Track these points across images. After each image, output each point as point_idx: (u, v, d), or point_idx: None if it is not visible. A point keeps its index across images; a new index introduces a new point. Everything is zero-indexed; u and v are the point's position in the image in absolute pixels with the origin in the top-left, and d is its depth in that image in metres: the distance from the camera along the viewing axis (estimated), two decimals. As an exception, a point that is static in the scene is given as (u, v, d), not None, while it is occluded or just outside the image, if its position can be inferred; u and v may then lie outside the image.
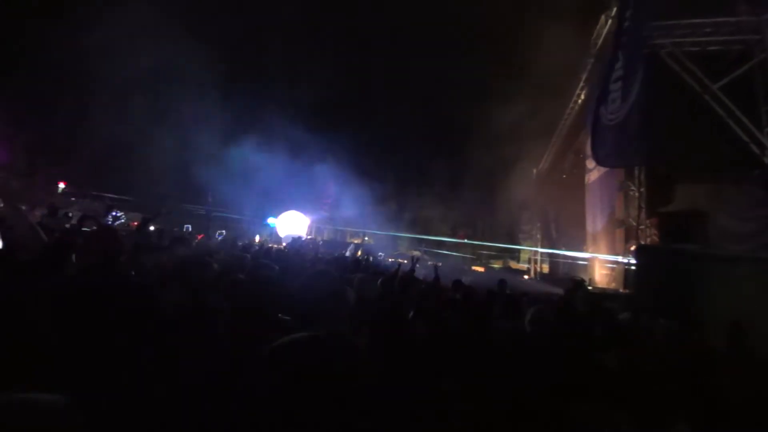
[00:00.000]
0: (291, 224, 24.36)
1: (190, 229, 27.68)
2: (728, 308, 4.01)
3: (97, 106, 27.35)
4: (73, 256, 2.52)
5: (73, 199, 24.99)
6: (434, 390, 2.13)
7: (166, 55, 26.38)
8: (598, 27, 14.95)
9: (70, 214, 12.68)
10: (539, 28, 19.17)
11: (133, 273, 3.06)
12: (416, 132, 38.85)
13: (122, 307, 1.96)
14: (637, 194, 12.41)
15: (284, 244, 17.43)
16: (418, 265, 6.52)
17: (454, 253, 34.17)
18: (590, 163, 16.54)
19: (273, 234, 24.23)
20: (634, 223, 12.42)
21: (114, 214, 22.21)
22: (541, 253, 23.84)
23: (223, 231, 28.38)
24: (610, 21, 13.73)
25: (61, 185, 26.38)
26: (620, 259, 13.33)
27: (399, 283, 4.50)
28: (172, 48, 26.35)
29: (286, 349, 1.57)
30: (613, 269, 14.36)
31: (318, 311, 1.73)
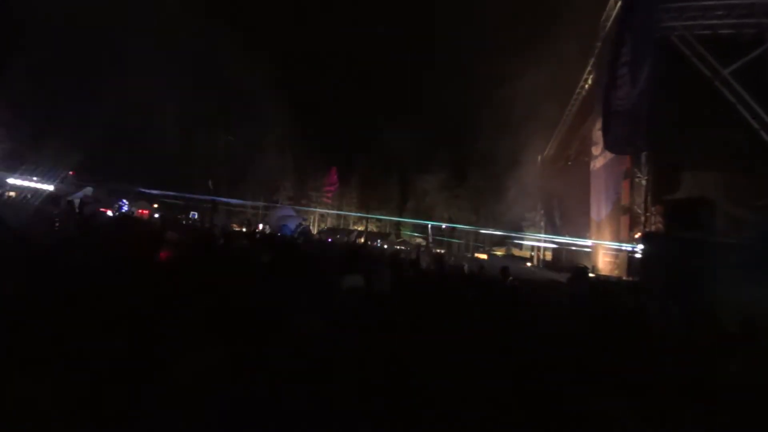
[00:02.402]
0: (284, 218, 24.81)
1: (196, 216, 27.82)
2: (734, 295, 4.00)
3: (101, 95, 27.27)
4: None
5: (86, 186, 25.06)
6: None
7: (168, 44, 26.20)
8: (607, 9, 14.62)
9: (76, 202, 12.82)
10: (547, 11, 18.81)
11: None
12: (420, 118, 38.52)
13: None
14: (643, 181, 12.29)
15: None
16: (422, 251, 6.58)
17: (458, 241, 34.23)
18: (596, 150, 16.37)
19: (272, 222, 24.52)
20: (640, 211, 12.33)
21: (121, 202, 22.42)
22: (544, 241, 23.80)
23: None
24: (619, 3, 13.41)
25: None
26: (624, 246, 13.29)
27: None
28: (174, 37, 26.14)
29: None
30: (616, 256, 14.34)
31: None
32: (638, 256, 10.94)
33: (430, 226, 32.68)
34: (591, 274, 12.62)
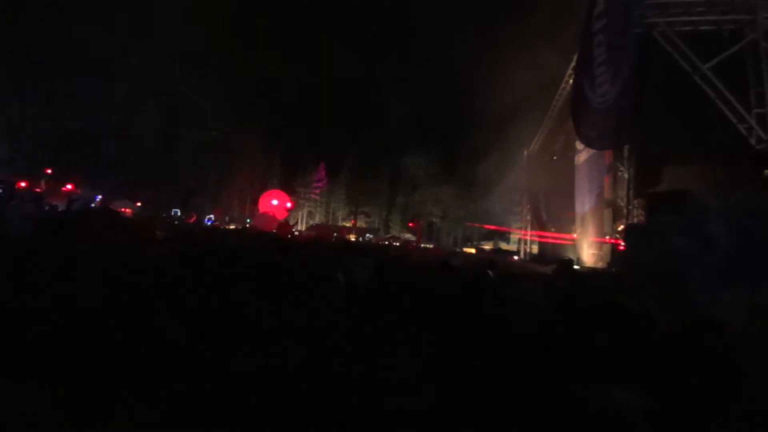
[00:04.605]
0: (273, 203, 24.51)
1: (178, 213, 27.41)
2: (714, 286, 4.10)
3: (81, 93, 26.55)
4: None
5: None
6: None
7: (153, 41, 25.64)
8: (591, 5, 14.75)
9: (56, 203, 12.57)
10: (531, 7, 18.93)
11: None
12: (408, 114, 38.48)
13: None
14: (625, 175, 12.52)
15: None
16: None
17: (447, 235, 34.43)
18: (580, 144, 16.59)
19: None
20: (622, 204, 12.57)
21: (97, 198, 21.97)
22: (531, 234, 24.12)
23: (212, 216, 28.19)
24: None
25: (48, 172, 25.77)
26: (608, 239, 13.56)
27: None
28: (158, 34, 25.58)
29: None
30: (600, 249, 14.61)
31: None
32: (621, 248, 11.15)
33: (419, 221, 32.84)
34: (576, 266, 12.85)
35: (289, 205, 25.28)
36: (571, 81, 17.40)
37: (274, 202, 24.07)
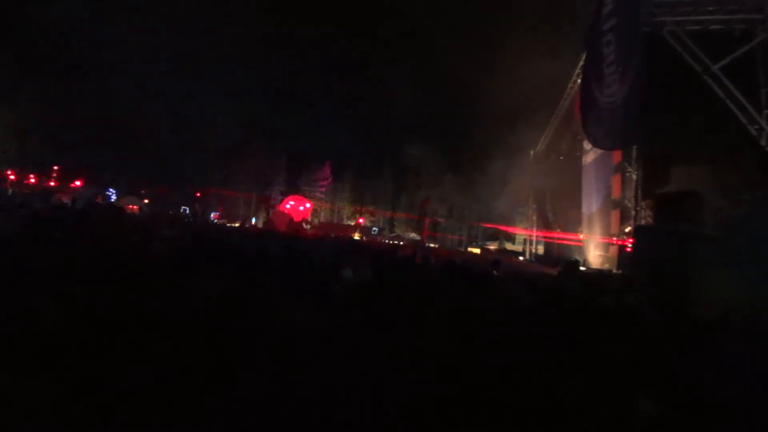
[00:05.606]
0: (295, 207, 25.29)
1: (187, 210, 27.60)
2: (720, 288, 4.07)
3: (87, 87, 26.79)
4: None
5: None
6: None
7: (157, 38, 25.84)
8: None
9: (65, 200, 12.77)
10: (541, 5, 18.81)
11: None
12: (414, 114, 38.45)
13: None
14: (633, 176, 12.41)
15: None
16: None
17: (452, 236, 34.39)
18: (587, 145, 16.47)
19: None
20: (630, 205, 12.45)
21: (108, 192, 22.21)
22: (537, 235, 23.99)
23: (218, 213, 28.37)
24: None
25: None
26: (615, 240, 13.44)
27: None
28: (164, 30, 25.77)
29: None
30: (607, 250, 14.49)
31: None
32: (628, 249, 11.07)
33: (425, 220, 32.82)
34: (582, 268, 12.76)
35: (307, 206, 26.89)
36: (578, 81, 17.29)
37: (291, 203, 25.39)
